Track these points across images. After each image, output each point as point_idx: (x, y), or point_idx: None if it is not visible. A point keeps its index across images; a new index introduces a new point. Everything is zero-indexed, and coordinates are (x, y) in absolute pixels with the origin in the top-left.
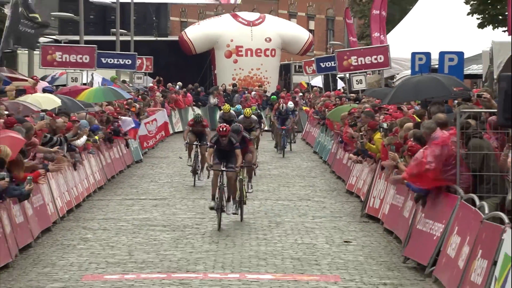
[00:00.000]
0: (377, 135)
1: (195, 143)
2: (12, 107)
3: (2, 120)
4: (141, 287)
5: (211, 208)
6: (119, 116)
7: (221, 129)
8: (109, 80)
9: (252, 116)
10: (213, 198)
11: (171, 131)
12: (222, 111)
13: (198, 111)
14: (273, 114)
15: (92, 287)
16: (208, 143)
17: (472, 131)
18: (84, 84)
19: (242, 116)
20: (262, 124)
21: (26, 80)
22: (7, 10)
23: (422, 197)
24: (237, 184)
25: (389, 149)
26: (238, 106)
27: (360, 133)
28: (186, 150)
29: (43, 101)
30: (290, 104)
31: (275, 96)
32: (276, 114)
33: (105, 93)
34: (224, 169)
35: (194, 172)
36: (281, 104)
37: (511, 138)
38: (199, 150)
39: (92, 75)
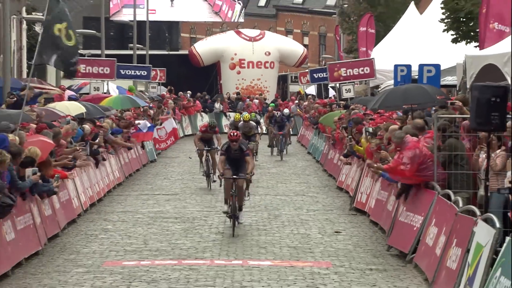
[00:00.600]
0: (363, 138)
1: (205, 148)
2: (41, 113)
3: (34, 126)
4: (155, 272)
5: (225, 213)
6: (136, 121)
7: (232, 134)
8: (123, 88)
9: (251, 121)
10: (225, 202)
11: (181, 135)
12: (242, 121)
13: (206, 117)
14: (265, 120)
15: (112, 272)
16: (217, 146)
17: (448, 133)
18: (105, 92)
19: (241, 122)
20: (260, 129)
21: (54, 89)
22: (38, 28)
23: (404, 192)
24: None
25: (377, 151)
26: (245, 113)
27: (349, 136)
28: (198, 156)
29: (70, 107)
30: (286, 110)
31: (273, 103)
32: (271, 121)
33: (122, 101)
34: (235, 176)
35: (208, 175)
36: (276, 112)
37: (483, 140)
38: (209, 155)
39: (107, 84)
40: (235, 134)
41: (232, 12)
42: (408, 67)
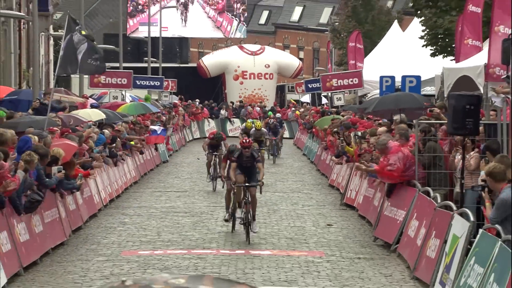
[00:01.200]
0: (353, 141)
1: (214, 153)
2: (66, 119)
3: (59, 130)
4: (167, 260)
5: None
6: (150, 126)
7: (244, 140)
8: (137, 97)
9: (262, 128)
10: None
11: (190, 138)
12: (254, 128)
13: (212, 122)
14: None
15: (129, 261)
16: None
17: (428, 137)
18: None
19: (253, 129)
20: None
21: (78, 98)
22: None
23: (391, 190)
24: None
25: (364, 153)
26: (250, 120)
27: (341, 139)
28: (206, 159)
29: (92, 114)
30: (278, 114)
31: (271, 112)
32: (267, 128)
33: (137, 107)
34: (247, 184)
35: (214, 178)
36: (270, 120)
37: (459, 143)
38: (217, 159)
39: (122, 92)
40: (247, 141)
41: (231, 26)
42: (392, 78)
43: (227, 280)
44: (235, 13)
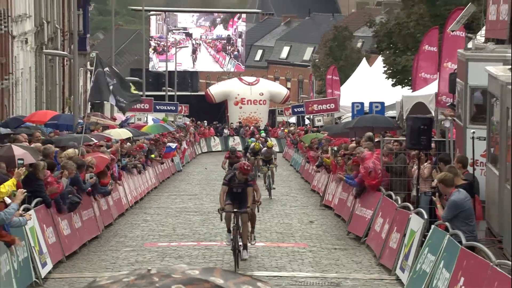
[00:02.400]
0: (330, 154)
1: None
2: (99, 138)
3: (94, 145)
4: (181, 250)
5: (228, 244)
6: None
7: (245, 167)
8: (156, 119)
9: (273, 148)
10: (228, 231)
11: (199, 152)
12: (265, 148)
13: (217, 139)
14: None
15: (150, 251)
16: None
17: (395, 151)
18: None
19: (265, 148)
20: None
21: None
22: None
23: (360, 193)
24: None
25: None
26: (253, 139)
27: (320, 152)
28: None
29: (121, 133)
30: (263, 134)
31: (263, 131)
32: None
33: (157, 127)
34: (236, 210)
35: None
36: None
37: (415, 156)
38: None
39: (145, 115)
40: (248, 168)
41: (224, 61)
42: (362, 103)
43: (233, 272)
44: (227, 52)
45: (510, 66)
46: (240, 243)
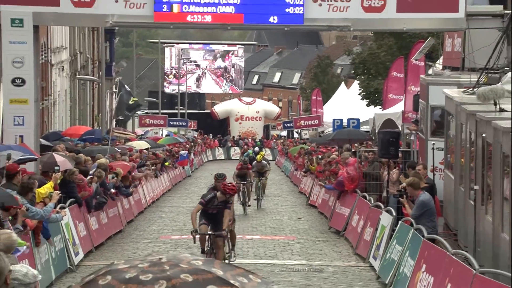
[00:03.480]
0: (315, 162)
1: (242, 182)
2: (122, 149)
3: (118, 155)
4: (190, 242)
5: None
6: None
7: (231, 187)
8: (170, 132)
9: (263, 161)
10: (202, 252)
11: (205, 160)
12: (255, 161)
13: (221, 150)
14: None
15: (165, 243)
16: (251, 181)
17: (369, 160)
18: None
19: (254, 162)
20: (269, 165)
21: (131, 134)
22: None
23: (340, 194)
24: (224, 250)
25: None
26: (256, 149)
27: (307, 161)
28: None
29: (141, 144)
30: (256, 149)
31: (259, 142)
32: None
33: (170, 140)
34: (211, 232)
35: (244, 204)
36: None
37: (385, 163)
38: (245, 187)
39: (160, 130)
40: (233, 188)
41: (222, 83)
42: (341, 120)
43: (229, 264)
44: (225, 77)
45: (463, 89)
46: None
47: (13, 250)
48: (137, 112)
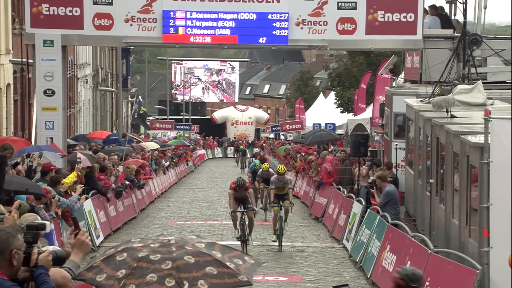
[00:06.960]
0: (299, 159)
1: (239, 210)
2: (137, 148)
3: (133, 154)
4: (193, 227)
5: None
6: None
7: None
8: (177, 136)
9: (286, 176)
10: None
11: (206, 158)
12: (261, 169)
13: (219, 149)
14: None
15: (171, 227)
16: (253, 207)
17: (342, 158)
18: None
19: (275, 176)
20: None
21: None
22: (136, 106)
23: (319, 186)
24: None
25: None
26: (256, 161)
27: (292, 158)
28: (231, 219)
29: (153, 145)
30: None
31: (257, 160)
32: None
33: (177, 142)
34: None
35: (243, 241)
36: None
37: (357, 160)
38: (245, 216)
39: (168, 133)
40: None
41: (217, 92)
42: (319, 124)
43: (228, 247)
44: (218, 87)
45: (421, 99)
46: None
47: None
48: (148, 118)
